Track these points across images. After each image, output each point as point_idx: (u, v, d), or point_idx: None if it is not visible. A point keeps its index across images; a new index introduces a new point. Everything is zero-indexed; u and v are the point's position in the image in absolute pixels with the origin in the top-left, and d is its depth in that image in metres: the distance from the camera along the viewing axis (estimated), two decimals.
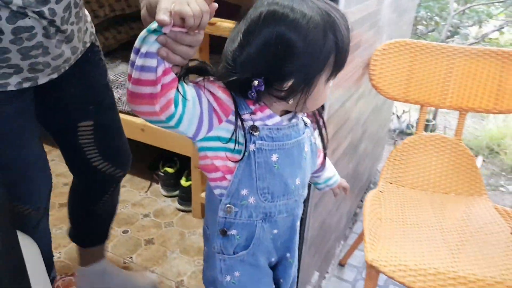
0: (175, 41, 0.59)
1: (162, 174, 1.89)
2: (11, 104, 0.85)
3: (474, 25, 5.78)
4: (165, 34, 0.59)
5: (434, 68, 1.54)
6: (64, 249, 1.56)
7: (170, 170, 1.87)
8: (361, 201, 2.07)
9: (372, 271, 1.13)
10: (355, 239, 1.66)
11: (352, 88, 1.42)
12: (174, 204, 1.85)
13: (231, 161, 0.73)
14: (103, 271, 1.24)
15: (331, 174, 1.01)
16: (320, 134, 0.86)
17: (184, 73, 0.67)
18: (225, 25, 1.37)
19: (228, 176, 0.75)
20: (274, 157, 0.75)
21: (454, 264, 1.14)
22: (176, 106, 0.65)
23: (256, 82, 0.67)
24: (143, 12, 0.67)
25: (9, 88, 0.82)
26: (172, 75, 0.63)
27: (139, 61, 0.60)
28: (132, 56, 0.61)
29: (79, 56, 0.95)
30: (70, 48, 0.89)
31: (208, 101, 0.70)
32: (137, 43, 0.60)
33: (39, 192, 0.98)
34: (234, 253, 0.82)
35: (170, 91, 0.63)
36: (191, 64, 0.67)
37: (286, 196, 0.80)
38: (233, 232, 0.80)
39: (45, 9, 0.77)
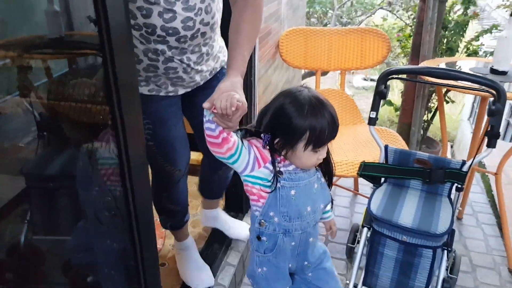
0: (218, 118, 0.95)
1: None
2: (165, 101, 1.25)
3: (362, 15, 6.91)
4: None
5: (320, 44, 2.30)
6: None
7: None
8: None
9: None
10: None
11: (270, 60, 2.13)
12: None
13: (262, 191, 1.06)
14: (216, 215, 1.74)
15: (328, 209, 1.27)
16: (324, 177, 1.16)
17: (242, 135, 1.05)
18: None
19: (262, 200, 1.08)
20: (293, 192, 1.07)
21: (348, 157, 1.89)
22: (236, 151, 1.01)
23: (263, 136, 1.03)
24: None
25: (161, 93, 1.24)
26: (225, 134, 0.97)
27: (205, 124, 0.97)
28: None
29: (209, 78, 1.30)
30: (199, 76, 1.25)
31: (254, 152, 1.05)
32: (205, 113, 0.96)
33: (181, 159, 1.36)
34: (264, 253, 1.15)
35: (228, 142, 0.99)
36: (244, 127, 1.06)
37: (300, 219, 1.11)
38: (264, 238, 1.13)
39: (184, 58, 1.15)
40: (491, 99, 1.44)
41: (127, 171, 0.82)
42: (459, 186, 1.50)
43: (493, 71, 1.82)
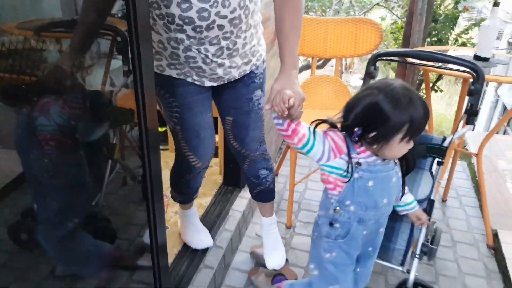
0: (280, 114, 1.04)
1: None
2: (193, 87, 1.30)
3: (361, 13, 7.05)
4: None
5: (317, 32, 2.43)
6: None
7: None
8: None
9: None
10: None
11: (269, 45, 2.25)
12: None
13: (339, 180, 1.12)
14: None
15: (409, 201, 1.34)
16: (402, 170, 1.20)
17: (316, 125, 1.10)
18: None
19: (338, 189, 1.12)
20: (370, 183, 1.11)
21: None
22: (307, 142, 1.08)
23: (356, 129, 1.06)
24: None
25: (188, 79, 1.28)
26: (294, 125, 1.06)
27: (274, 121, 1.07)
28: None
29: (237, 77, 1.33)
30: (222, 70, 1.27)
31: (329, 143, 1.09)
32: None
33: (205, 149, 1.39)
34: (334, 239, 1.19)
35: (298, 133, 1.06)
36: (321, 120, 1.12)
37: (375, 210, 1.15)
38: (337, 225, 1.17)
39: (201, 48, 1.19)
40: (471, 80, 1.57)
41: (145, 137, 0.95)
42: (440, 160, 1.63)
43: (476, 57, 1.95)
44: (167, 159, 2.30)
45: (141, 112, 0.93)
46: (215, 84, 1.32)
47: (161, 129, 2.47)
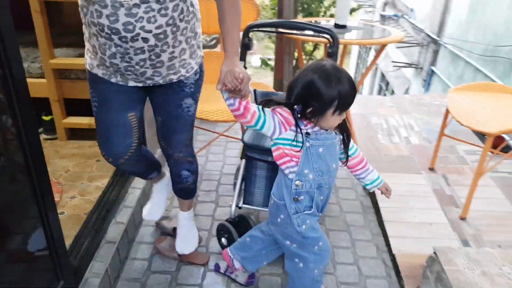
0: (232, 93, 1.17)
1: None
2: (114, 87, 1.37)
3: None
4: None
5: (201, 10, 2.53)
6: None
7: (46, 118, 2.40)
8: None
9: None
10: None
11: None
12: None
13: (293, 151, 1.24)
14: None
15: (375, 177, 1.44)
16: (344, 143, 1.33)
17: (264, 104, 1.23)
18: None
19: (294, 159, 1.24)
20: (321, 149, 1.25)
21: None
22: (259, 118, 1.20)
23: (296, 107, 1.20)
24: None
25: (112, 80, 1.36)
26: (244, 103, 1.18)
27: (226, 102, 1.18)
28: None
29: (162, 83, 1.39)
30: (145, 78, 1.35)
31: (278, 117, 1.23)
32: (222, 94, 1.18)
33: (112, 146, 1.44)
34: (304, 211, 1.31)
35: (249, 110, 1.19)
36: (267, 100, 1.26)
37: (328, 174, 1.28)
38: (301, 197, 1.29)
39: (126, 57, 1.26)
40: (329, 44, 1.83)
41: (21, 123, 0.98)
42: None
43: (336, 25, 2.25)
44: (57, 148, 2.28)
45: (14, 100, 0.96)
46: (140, 85, 1.40)
47: (47, 118, 2.39)
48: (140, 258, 1.81)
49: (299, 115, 1.22)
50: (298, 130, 1.23)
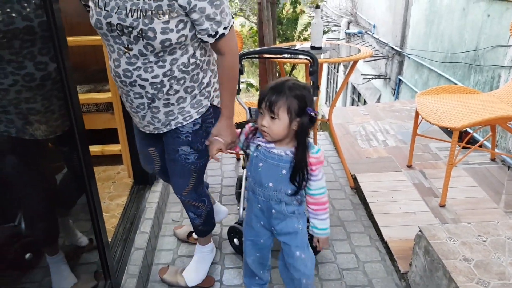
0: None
1: None
2: (136, 128, 1.61)
3: None
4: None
5: None
6: None
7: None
8: None
9: None
10: None
11: None
12: None
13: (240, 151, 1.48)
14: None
15: (321, 227, 1.42)
16: (293, 173, 1.33)
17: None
18: None
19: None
20: (260, 164, 1.35)
21: None
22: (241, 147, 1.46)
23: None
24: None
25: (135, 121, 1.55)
26: (238, 149, 1.49)
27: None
28: None
29: (165, 130, 1.48)
30: (146, 122, 1.46)
31: (245, 130, 1.44)
32: None
33: (145, 165, 1.77)
34: (247, 201, 1.49)
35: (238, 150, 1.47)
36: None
37: (262, 187, 1.37)
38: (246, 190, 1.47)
39: (128, 99, 1.41)
40: (310, 64, 2.12)
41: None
42: None
43: (313, 47, 2.56)
44: None
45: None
46: (147, 131, 1.53)
47: None
48: (162, 263, 2.00)
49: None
50: (250, 137, 1.42)
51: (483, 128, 3.06)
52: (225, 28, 1.32)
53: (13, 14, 1.18)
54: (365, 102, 7.18)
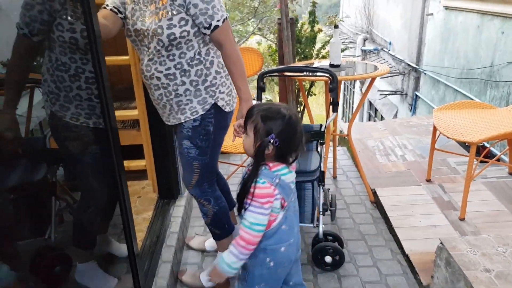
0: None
1: None
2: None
3: (239, 41, 7.85)
4: None
5: None
6: None
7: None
8: None
9: None
10: None
11: None
12: None
13: None
14: None
15: (223, 254, 1.34)
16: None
17: None
18: None
19: None
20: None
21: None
22: None
23: None
24: None
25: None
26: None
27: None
28: None
29: (177, 122, 1.67)
30: (167, 113, 1.67)
31: None
32: None
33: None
34: None
35: None
36: None
37: None
38: None
39: (150, 91, 1.66)
40: (329, 81, 2.21)
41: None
42: (321, 141, 2.22)
43: (331, 65, 2.65)
44: None
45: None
46: (169, 123, 1.73)
47: None
48: None
49: None
50: None
51: (500, 143, 3.07)
52: (218, 20, 1.54)
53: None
54: (382, 118, 7.21)
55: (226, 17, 1.58)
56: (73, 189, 1.84)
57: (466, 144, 3.14)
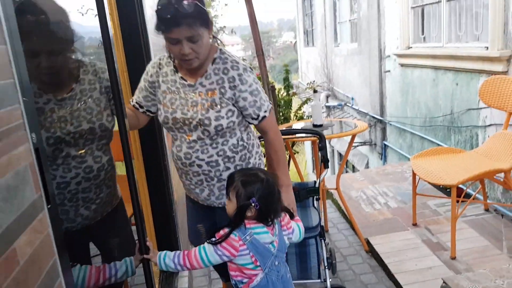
0: None
1: None
2: (188, 200, 1.85)
3: None
4: None
5: None
6: None
7: None
8: None
9: None
10: None
11: None
12: None
13: None
14: None
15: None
16: None
17: None
18: None
19: None
20: None
21: None
22: None
23: None
24: None
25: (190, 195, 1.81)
26: None
27: None
28: None
29: (217, 205, 1.68)
30: (205, 197, 1.69)
31: None
32: None
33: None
34: None
35: None
36: None
37: None
38: None
39: (187, 177, 1.65)
40: (318, 140, 2.40)
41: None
42: (317, 197, 2.36)
43: (314, 125, 2.87)
44: None
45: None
46: (205, 204, 1.72)
47: None
48: None
49: None
50: None
51: (472, 182, 3.33)
52: (265, 111, 1.63)
53: (81, 119, 1.47)
54: (353, 168, 7.50)
55: (271, 106, 1.67)
56: None
57: (442, 186, 3.39)
